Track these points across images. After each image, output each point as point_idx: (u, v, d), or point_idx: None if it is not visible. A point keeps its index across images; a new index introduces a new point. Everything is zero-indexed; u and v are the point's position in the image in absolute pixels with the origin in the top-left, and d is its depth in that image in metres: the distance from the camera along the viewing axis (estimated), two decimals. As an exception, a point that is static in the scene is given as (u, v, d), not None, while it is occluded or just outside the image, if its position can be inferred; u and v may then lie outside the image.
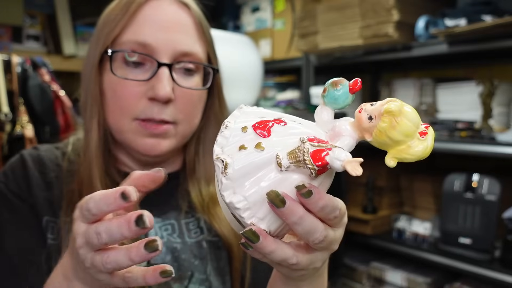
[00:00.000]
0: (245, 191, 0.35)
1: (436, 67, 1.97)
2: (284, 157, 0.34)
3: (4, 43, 1.96)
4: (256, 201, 0.35)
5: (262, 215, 0.35)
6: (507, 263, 1.41)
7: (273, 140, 0.35)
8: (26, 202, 0.64)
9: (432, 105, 1.77)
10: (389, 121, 0.33)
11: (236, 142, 0.36)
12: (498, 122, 1.57)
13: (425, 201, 1.81)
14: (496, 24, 1.31)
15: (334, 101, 0.36)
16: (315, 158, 0.33)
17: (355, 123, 0.36)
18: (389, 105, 0.33)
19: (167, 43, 0.63)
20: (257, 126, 0.36)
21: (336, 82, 0.36)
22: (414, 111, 0.33)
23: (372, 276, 1.86)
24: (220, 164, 0.35)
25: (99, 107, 0.66)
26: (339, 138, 0.36)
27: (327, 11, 1.82)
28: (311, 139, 0.35)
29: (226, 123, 0.37)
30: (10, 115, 1.46)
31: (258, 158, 0.35)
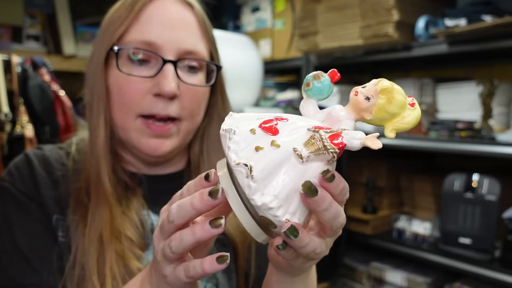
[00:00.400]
0: (274, 189, 0.35)
1: (436, 67, 1.97)
2: (303, 149, 0.35)
3: (4, 43, 1.96)
4: (286, 197, 0.36)
5: (293, 210, 0.36)
6: (507, 263, 1.41)
7: (284, 135, 0.36)
8: (34, 200, 0.64)
9: (432, 105, 1.77)
10: (386, 97, 0.36)
11: (249, 145, 0.36)
12: (498, 122, 1.57)
13: (425, 201, 1.81)
14: (496, 24, 1.31)
15: (319, 92, 0.39)
16: (334, 143, 0.35)
17: (350, 106, 0.38)
18: (383, 83, 0.36)
19: (171, 42, 0.64)
20: (264, 126, 0.37)
21: (318, 75, 0.39)
22: (400, 87, 0.37)
23: (372, 276, 1.86)
24: (244, 169, 0.35)
25: (105, 104, 0.67)
26: (340, 123, 0.38)
27: (327, 11, 1.81)
28: (320, 127, 0.36)
29: (233, 129, 0.37)
30: (10, 115, 1.46)
31: (277, 155, 0.35)
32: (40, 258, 0.61)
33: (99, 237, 0.61)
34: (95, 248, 0.61)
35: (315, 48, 1.87)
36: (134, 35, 0.65)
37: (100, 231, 0.61)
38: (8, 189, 0.65)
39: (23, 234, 0.62)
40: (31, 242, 0.62)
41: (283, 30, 2.20)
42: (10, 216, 0.63)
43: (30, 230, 0.63)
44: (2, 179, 0.67)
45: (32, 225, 0.63)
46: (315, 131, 0.36)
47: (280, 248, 0.39)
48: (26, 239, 0.62)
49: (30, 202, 0.64)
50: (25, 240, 0.62)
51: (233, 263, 0.69)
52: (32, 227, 0.63)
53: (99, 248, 0.61)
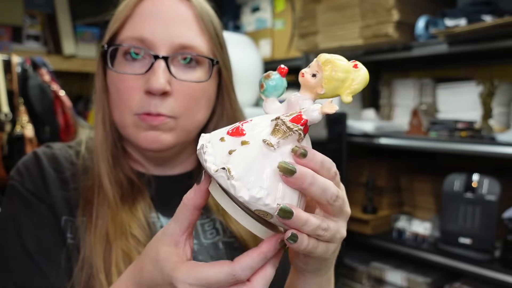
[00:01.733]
0: (257, 181, 0.37)
1: (436, 67, 1.97)
2: (271, 138, 0.38)
3: (4, 43, 1.96)
4: (271, 185, 0.37)
5: (281, 195, 0.38)
6: (507, 263, 1.41)
7: (251, 133, 0.39)
8: (43, 201, 0.63)
9: (432, 105, 1.77)
10: (330, 67, 0.39)
11: (222, 151, 0.38)
12: (498, 122, 1.57)
13: (425, 201, 1.81)
14: (496, 24, 1.31)
15: (274, 89, 0.41)
16: (296, 121, 0.38)
17: (302, 88, 0.41)
18: (323, 56, 0.39)
19: (164, 37, 0.62)
20: (231, 131, 0.39)
21: (268, 74, 0.41)
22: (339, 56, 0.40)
23: (372, 276, 1.86)
24: (224, 173, 0.37)
25: (104, 102, 0.66)
26: (299, 105, 0.40)
27: (327, 11, 1.82)
28: (280, 116, 0.39)
29: (203, 146, 0.40)
30: (10, 115, 1.46)
31: (250, 151, 0.38)
32: (48, 261, 0.60)
33: (105, 235, 0.61)
34: (101, 246, 0.60)
35: (315, 48, 1.87)
36: (128, 32, 0.64)
37: (106, 229, 0.61)
38: (17, 188, 0.64)
39: (32, 236, 0.61)
40: (40, 244, 0.61)
41: (283, 30, 2.20)
42: (18, 217, 0.63)
43: (38, 232, 0.62)
44: (11, 177, 0.66)
45: (41, 227, 0.62)
46: (277, 118, 0.38)
47: (292, 242, 0.38)
48: (35, 241, 0.61)
49: (39, 203, 0.63)
50: (33, 243, 0.61)
51: None
52: (41, 229, 0.62)
53: (106, 246, 0.60)
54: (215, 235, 0.68)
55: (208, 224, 0.69)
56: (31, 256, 0.60)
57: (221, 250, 0.67)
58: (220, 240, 0.68)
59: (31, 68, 1.54)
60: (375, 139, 1.72)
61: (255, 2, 2.36)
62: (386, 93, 1.98)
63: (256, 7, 2.35)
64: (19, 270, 0.60)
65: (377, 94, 2.10)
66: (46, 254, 0.61)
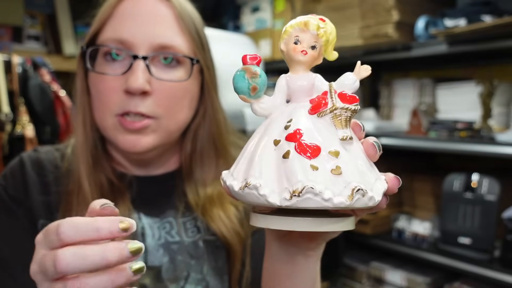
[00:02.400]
0: (366, 177, 0.35)
1: (436, 67, 1.97)
2: (345, 132, 0.35)
3: (4, 43, 1.96)
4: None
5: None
6: (507, 263, 1.41)
7: (324, 142, 0.35)
8: (22, 205, 0.64)
9: (431, 105, 1.77)
10: (324, 32, 0.36)
11: (327, 176, 0.34)
12: (498, 122, 1.57)
13: (425, 201, 1.82)
14: (496, 24, 1.31)
15: (265, 84, 0.37)
16: (349, 100, 0.35)
17: (303, 67, 0.37)
18: (311, 24, 0.35)
19: (143, 37, 0.62)
20: (310, 154, 0.34)
21: (253, 72, 0.36)
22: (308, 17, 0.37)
23: (372, 276, 1.86)
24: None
25: (84, 104, 0.67)
26: (316, 86, 0.36)
27: (327, 11, 1.82)
28: (318, 103, 0.35)
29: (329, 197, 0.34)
30: (11, 115, 1.46)
31: (347, 158, 0.35)
32: (24, 268, 0.60)
33: None
34: None
35: (315, 48, 1.88)
36: (108, 33, 0.64)
37: None
38: (0, 193, 0.65)
39: (7, 241, 0.62)
40: (14, 249, 0.61)
41: (283, 30, 2.20)
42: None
43: (14, 238, 0.62)
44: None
45: (17, 232, 0.63)
46: (334, 109, 0.34)
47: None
48: (9, 246, 0.61)
49: (18, 208, 0.64)
50: (7, 248, 0.61)
51: (226, 265, 0.68)
52: (17, 235, 0.62)
53: None
54: (196, 233, 0.68)
55: (190, 222, 0.69)
56: (4, 262, 0.60)
57: (200, 248, 0.67)
58: (201, 238, 0.68)
59: (32, 68, 1.55)
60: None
61: (255, 2, 2.36)
62: (385, 93, 1.98)
63: (256, 7, 2.35)
64: None
65: (377, 94, 2.10)
66: (22, 261, 0.60)
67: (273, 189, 0.33)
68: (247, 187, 0.34)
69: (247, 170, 0.35)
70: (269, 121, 0.37)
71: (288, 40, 0.36)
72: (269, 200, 0.33)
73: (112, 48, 0.63)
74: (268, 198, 0.33)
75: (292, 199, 0.32)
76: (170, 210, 0.69)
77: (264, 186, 0.33)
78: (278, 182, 0.33)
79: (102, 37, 0.64)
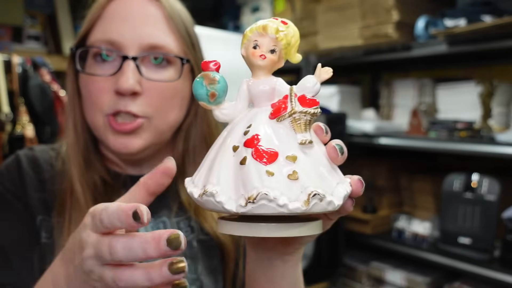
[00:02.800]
0: (327, 181, 0.35)
1: (436, 67, 1.98)
2: (304, 136, 0.35)
3: (4, 43, 1.96)
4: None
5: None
6: (507, 263, 1.41)
7: (282, 146, 0.35)
8: (20, 200, 0.64)
9: (431, 105, 1.77)
10: (284, 36, 0.35)
11: (286, 182, 0.34)
12: (498, 122, 1.57)
13: (424, 201, 1.82)
14: (496, 24, 1.31)
15: (225, 90, 0.36)
16: (309, 104, 0.34)
17: (264, 71, 0.36)
18: (270, 27, 0.35)
19: (133, 37, 0.62)
20: (266, 160, 0.34)
21: (211, 78, 0.36)
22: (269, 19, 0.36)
23: (372, 276, 1.86)
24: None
25: (75, 105, 0.67)
26: (277, 90, 0.36)
27: (327, 11, 1.82)
28: (277, 110, 0.35)
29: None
30: (11, 115, 1.46)
31: (307, 162, 0.34)
32: (21, 258, 0.61)
33: None
34: None
35: (315, 48, 1.88)
36: (97, 33, 0.64)
37: None
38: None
39: (5, 232, 0.62)
40: (13, 241, 0.62)
41: (283, 30, 2.20)
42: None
43: (13, 229, 0.63)
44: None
45: (16, 224, 0.63)
46: (292, 113, 0.34)
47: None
48: (8, 238, 0.62)
49: (17, 202, 0.64)
50: (6, 239, 0.61)
51: (220, 265, 0.68)
52: (16, 226, 0.63)
53: None
54: (189, 233, 0.68)
55: (183, 222, 0.69)
56: (3, 253, 0.60)
57: (194, 248, 0.67)
58: (194, 238, 0.68)
59: (32, 68, 1.55)
60: (375, 139, 1.72)
61: (255, 2, 2.36)
62: (385, 93, 1.98)
63: (256, 7, 2.35)
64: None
65: (377, 94, 2.10)
66: (19, 251, 0.61)
67: (230, 196, 0.33)
68: (205, 194, 0.34)
69: (207, 177, 0.35)
70: (231, 127, 0.37)
71: (248, 44, 0.36)
72: (225, 207, 0.33)
73: (102, 49, 0.63)
74: (224, 205, 0.33)
75: (247, 205, 0.32)
76: (163, 210, 0.69)
77: (221, 193, 0.33)
78: (235, 188, 0.33)
79: (91, 38, 0.64)
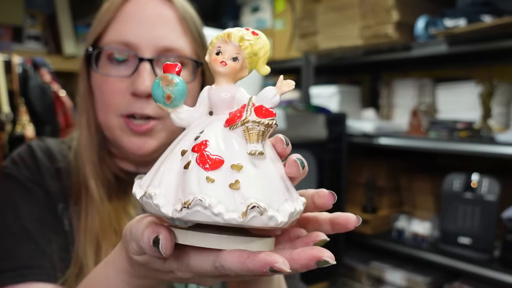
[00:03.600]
0: (279, 195, 0.34)
1: (436, 67, 1.98)
2: (256, 146, 0.33)
3: (4, 43, 1.96)
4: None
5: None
6: (507, 263, 1.41)
7: (230, 155, 0.33)
8: (41, 187, 0.65)
9: (431, 105, 1.77)
10: (249, 45, 0.35)
11: (225, 190, 0.32)
12: (498, 122, 1.57)
13: (424, 201, 1.82)
14: (496, 24, 1.32)
15: (183, 94, 0.35)
16: (265, 115, 0.33)
17: (225, 79, 0.36)
18: (234, 35, 0.34)
19: (148, 39, 0.63)
20: (209, 166, 0.32)
21: (169, 80, 0.35)
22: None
23: (371, 276, 1.86)
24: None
25: (88, 104, 0.67)
26: (236, 100, 0.35)
27: (327, 11, 1.82)
28: (232, 118, 0.34)
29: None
30: (11, 115, 1.46)
31: (250, 173, 0.33)
32: (48, 241, 0.61)
33: (95, 235, 0.62)
34: (91, 246, 0.61)
35: (315, 48, 1.88)
36: (111, 35, 0.64)
37: (95, 230, 0.62)
38: (14, 175, 0.65)
39: (31, 217, 0.62)
40: (39, 225, 0.62)
41: (283, 30, 2.20)
42: (16, 200, 0.63)
43: (37, 214, 0.63)
44: (5, 167, 0.67)
45: (39, 209, 0.63)
46: (244, 122, 0.33)
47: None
48: (34, 222, 0.62)
49: (37, 188, 0.64)
50: (32, 223, 0.62)
51: None
52: (39, 211, 0.63)
53: (96, 246, 0.61)
54: None
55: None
56: (31, 236, 0.61)
57: None
58: None
59: (32, 68, 1.55)
60: (374, 139, 1.72)
61: (255, 2, 2.36)
62: (385, 93, 1.98)
63: (256, 7, 2.35)
64: (19, 249, 0.60)
65: (377, 94, 2.10)
66: (45, 235, 0.61)
67: (169, 199, 0.32)
68: (145, 196, 0.33)
69: (151, 179, 0.35)
70: (186, 132, 0.37)
71: (212, 50, 0.35)
72: (162, 210, 0.32)
73: (118, 50, 0.63)
74: (161, 208, 0.32)
75: (182, 211, 0.31)
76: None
77: (160, 195, 0.32)
78: (175, 193, 0.32)
79: (106, 39, 0.65)
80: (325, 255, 0.31)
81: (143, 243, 0.33)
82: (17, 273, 0.58)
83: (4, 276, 0.57)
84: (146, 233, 0.33)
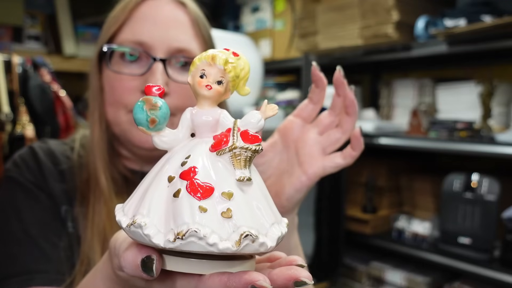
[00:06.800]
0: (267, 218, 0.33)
1: (436, 67, 1.98)
2: (243, 172, 0.33)
3: (4, 43, 1.96)
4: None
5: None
6: (507, 263, 1.41)
7: (220, 182, 0.33)
8: (43, 190, 0.65)
9: (431, 105, 1.77)
10: (232, 67, 0.34)
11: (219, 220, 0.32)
12: (498, 122, 1.57)
13: (424, 201, 1.82)
14: (496, 24, 1.31)
15: (167, 117, 0.34)
16: (252, 140, 0.33)
17: (208, 102, 0.35)
18: (219, 58, 0.34)
19: (162, 40, 0.65)
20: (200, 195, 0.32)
21: (152, 104, 0.34)
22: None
23: (371, 276, 1.86)
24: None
25: (100, 101, 0.69)
26: (221, 123, 0.35)
27: (327, 11, 1.82)
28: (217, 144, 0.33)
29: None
30: (11, 115, 1.46)
31: (245, 199, 0.33)
32: (52, 245, 0.62)
33: (102, 231, 0.63)
34: (99, 242, 0.62)
35: (315, 48, 1.88)
36: (126, 34, 0.66)
37: (103, 225, 0.63)
38: (16, 178, 0.66)
39: (34, 221, 0.63)
40: (42, 229, 0.62)
41: (283, 30, 2.20)
42: (19, 204, 0.64)
43: (40, 218, 0.63)
44: (8, 170, 0.67)
45: (42, 213, 0.64)
46: (232, 148, 0.33)
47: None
48: (37, 226, 0.62)
49: (40, 192, 0.65)
50: (36, 228, 0.62)
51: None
52: (42, 215, 0.64)
53: (103, 242, 0.62)
54: None
55: None
56: (33, 240, 0.61)
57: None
58: None
59: (32, 68, 1.55)
60: (374, 139, 1.72)
61: (255, 2, 2.36)
62: (385, 93, 1.98)
63: (256, 7, 2.35)
64: (22, 254, 0.60)
65: (377, 94, 2.10)
66: (49, 239, 0.62)
67: (160, 229, 0.32)
68: (133, 225, 0.32)
69: (137, 206, 0.34)
70: (169, 155, 0.36)
71: (195, 73, 0.35)
72: (153, 240, 0.31)
73: (132, 49, 0.65)
74: (152, 238, 0.31)
75: (176, 241, 0.30)
76: None
77: (150, 225, 0.32)
78: (165, 222, 0.32)
79: (120, 38, 0.67)
80: (302, 275, 0.31)
81: (125, 262, 0.33)
82: (22, 278, 0.58)
83: (10, 281, 0.58)
84: (131, 253, 0.33)
